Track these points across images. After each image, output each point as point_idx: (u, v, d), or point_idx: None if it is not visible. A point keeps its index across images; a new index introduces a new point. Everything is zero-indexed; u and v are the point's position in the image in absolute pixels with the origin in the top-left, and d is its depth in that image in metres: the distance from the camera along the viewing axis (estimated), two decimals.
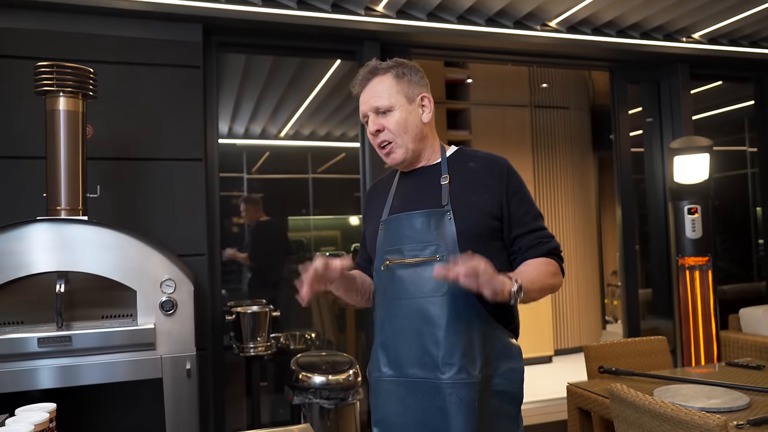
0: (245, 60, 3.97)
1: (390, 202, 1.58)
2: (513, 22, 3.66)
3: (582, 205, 6.27)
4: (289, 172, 4.74)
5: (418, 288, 1.44)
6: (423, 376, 1.43)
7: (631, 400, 1.71)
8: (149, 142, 3.05)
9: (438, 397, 1.41)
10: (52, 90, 2.32)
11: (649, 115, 4.49)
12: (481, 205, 1.48)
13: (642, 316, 4.37)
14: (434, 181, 1.53)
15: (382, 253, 1.52)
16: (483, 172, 1.53)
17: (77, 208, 2.37)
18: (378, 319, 1.53)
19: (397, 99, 1.51)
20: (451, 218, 1.45)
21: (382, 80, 1.52)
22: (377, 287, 1.55)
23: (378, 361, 1.52)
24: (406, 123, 1.51)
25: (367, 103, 1.53)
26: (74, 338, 2.19)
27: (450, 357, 1.40)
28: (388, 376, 1.49)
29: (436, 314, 1.41)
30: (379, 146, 1.54)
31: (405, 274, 1.46)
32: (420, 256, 1.45)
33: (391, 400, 1.48)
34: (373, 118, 1.52)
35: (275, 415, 3.76)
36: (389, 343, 1.49)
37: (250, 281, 4.25)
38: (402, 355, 1.46)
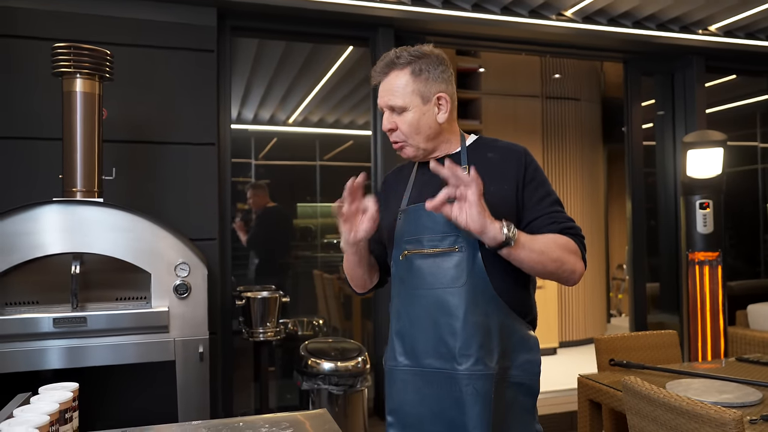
0: (257, 45, 3.96)
1: (409, 191, 1.56)
2: (528, 11, 3.63)
3: (590, 198, 6.26)
4: (297, 158, 4.73)
5: (437, 278, 1.43)
6: (439, 366, 1.42)
7: (645, 392, 1.72)
8: (163, 125, 3.05)
9: (454, 387, 1.40)
10: (69, 71, 2.32)
11: (662, 108, 4.46)
12: (500, 197, 1.46)
13: (649, 310, 4.37)
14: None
15: (401, 243, 1.50)
16: (501, 162, 1.51)
17: (93, 190, 2.38)
18: (394, 308, 1.52)
19: (412, 99, 1.46)
20: None
21: (399, 76, 1.48)
22: (395, 277, 1.53)
23: (393, 350, 1.51)
24: (419, 124, 1.48)
25: (382, 99, 1.51)
26: (89, 319, 2.20)
27: (467, 348, 1.39)
28: (403, 366, 1.48)
29: (454, 305, 1.40)
30: (392, 142, 1.54)
31: (423, 264, 1.45)
32: (439, 247, 1.44)
33: (407, 390, 1.47)
34: (387, 115, 1.51)
35: (282, 399, 3.79)
36: (405, 333, 1.48)
37: (257, 267, 4.27)
38: (418, 345, 1.45)
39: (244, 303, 3.16)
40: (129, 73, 2.95)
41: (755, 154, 4.98)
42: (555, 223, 1.45)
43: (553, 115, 6.04)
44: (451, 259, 1.42)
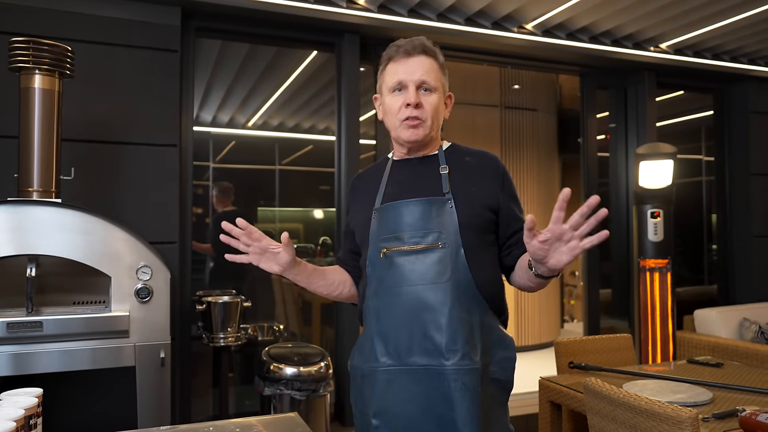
0: (220, 46, 3.91)
1: (383, 190, 1.56)
2: (491, 22, 3.71)
3: (546, 206, 6.41)
4: (256, 162, 4.68)
5: (420, 275, 1.43)
6: (426, 363, 1.42)
7: (605, 393, 1.78)
8: (124, 125, 2.98)
9: (442, 383, 1.41)
10: (28, 67, 2.24)
11: (615, 121, 4.63)
12: (480, 198, 1.51)
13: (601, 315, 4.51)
14: (433, 170, 1.54)
15: (377, 242, 1.49)
16: (479, 167, 1.56)
17: (50, 190, 2.30)
18: (372, 309, 1.50)
19: (439, 85, 1.51)
20: (452, 207, 1.46)
21: (431, 62, 1.51)
22: (372, 277, 1.51)
23: (374, 351, 1.48)
24: (439, 109, 1.52)
25: (413, 74, 1.49)
26: (45, 324, 2.13)
27: (453, 343, 1.40)
28: (387, 366, 1.45)
29: (439, 301, 1.41)
30: (405, 119, 1.50)
31: (405, 261, 1.45)
32: (422, 243, 1.44)
33: (392, 390, 1.45)
34: (413, 90, 1.48)
35: (242, 405, 3.73)
36: (388, 333, 1.46)
37: (212, 271, 4.19)
38: (402, 344, 1.44)
39: (204, 308, 3.11)
40: (90, 70, 2.87)
41: (700, 167, 5.22)
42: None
43: (512, 124, 6.17)
44: (433, 255, 1.43)
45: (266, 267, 1.45)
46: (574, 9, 3.55)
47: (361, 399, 1.52)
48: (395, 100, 1.51)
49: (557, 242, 1.26)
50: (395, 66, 1.52)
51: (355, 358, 1.57)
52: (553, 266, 1.28)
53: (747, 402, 2.01)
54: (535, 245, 1.26)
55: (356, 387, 1.55)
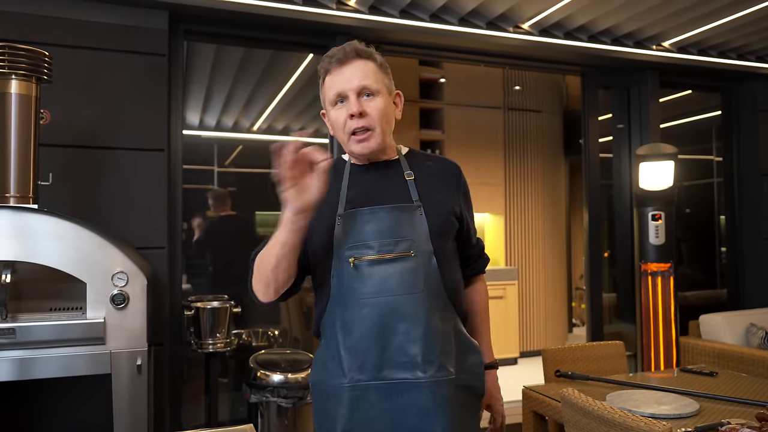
0: (216, 50, 3.90)
1: (344, 195, 1.46)
2: (486, 22, 3.65)
3: (552, 209, 6.31)
4: (261, 166, 4.67)
5: (392, 285, 1.37)
6: (401, 377, 1.35)
7: (581, 405, 1.71)
8: (110, 130, 2.97)
9: (419, 396, 1.35)
10: (4, 72, 2.24)
11: (619, 121, 4.53)
12: (446, 205, 1.48)
13: (608, 320, 4.41)
14: (397, 176, 1.49)
15: (343, 250, 1.40)
16: (441, 174, 1.53)
17: (27, 195, 2.29)
18: (339, 321, 1.40)
19: (381, 87, 1.44)
20: (422, 214, 1.42)
21: (367, 64, 1.44)
22: (337, 287, 1.41)
23: (341, 366, 1.39)
24: (387, 113, 1.45)
25: (349, 82, 1.41)
26: (18, 331, 2.12)
27: (429, 354, 1.35)
28: (355, 382, 1.37)
29: (413, 311, 1.36)
30: (351, 132, 1.42)
31: (376, 271, 1.38)
32: (394, 252, 1.38)
33: (361, 407, 1.37)
34: (354, 99, 1.41)
35: (235, 412, 3.70)
36: (358, 346, 1.37)
37: (212, 276, 4.18)
38: (374, 358, 1.36)
39: (193, 313, 3.09)
40: (74, 75, 2.87)
41: (711, 168, 5.09)
42: (481, 258, 1.65)
43: (515, 126, 6.09)
44: (406, 264, 1.38)
45: (292, 199, 1.27)
46: (570, 7, 3.47)
47: (325, 417, 1.44)
48: (339, 114, 1.43)
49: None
50: (332, 78, 1.44)
51: (316, 373, 1.48)
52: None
53: (735, 414, 1.93)
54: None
55: (320, 404, 1.46)
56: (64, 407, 2.48)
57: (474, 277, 1.64)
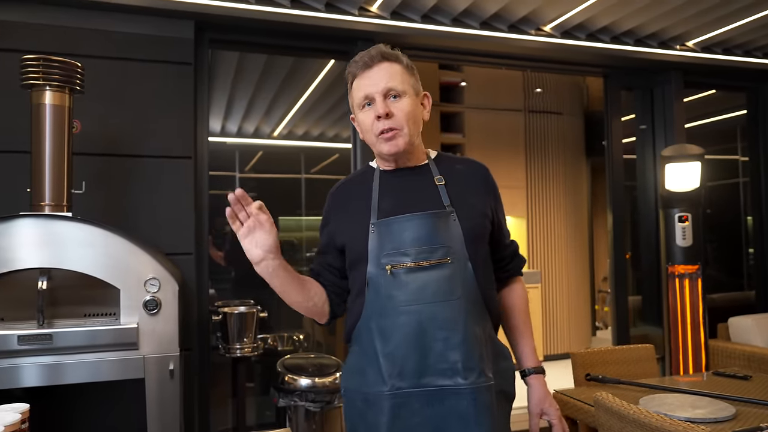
0: (238, 58, 3.95)
1: (376, 203, 1.48)
2: (507, 25, 3.65)
3: (574, 211, 6.27)
4: (282, 171, 4.71)
5: (430, 292, 1.37)
6: (441, 384, 1.35)
7: (615, 409, 1.70)
8: (138, 138, 3.02)
9: (460, 403, 1.35)
10: (39, 84, 2.29)
11: (642, 122, 4.49)
12: (479, 208, 1.49)
13: (633, 323, 4.37)
14: (427, 181, 1.49)
15: (379, 258, 1.41)
16: (471, 176, 1.54)
17: (61, 204, 2.34)
18: (376, 329, 1.40)
19: (408, 88, 1.45)
20: (455, 219, 1.43)
21: (393, 66, 1.45)
22: (374, 296, 1.41)
23: (381, 374, 1.38)
24: (414, 113, 1.46)
25: (376, 85, 1.43)
26: (55, 336, 2.16)
27: (469, 361, 1.35)
28: (396, 389, 1.36)
29: (452, 318, 1.36)
30: (380, 132, 1.43)
31: (413, 278, 1.38)
32: (431, 259, 1.39)
33: (403, 415, 1.36)
34: (381, 101, 1.43)
35: (261, 417, 3.73)
36: (396, 353, 1.37)
37: (238, 281, 4.21)
38: (413, 365, 1.36)
39: (220, 318, 3.12)
40: (103, 85, 2.92)
41: (737, 168, 5.02)
42: (516, 259, 1.63)
43: (536, 128, 6.07)
44: (443, 271, 1.38)
45: (248, 248, 1.35)
46: (593, 9, 3.45)
47: (364, 424, 1.43)
48: (367, 116, 1.46)
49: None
50: (359, 81, 1.47)
51: (351, 380, 1.48)
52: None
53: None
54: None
55: (356, 411, 1.45)
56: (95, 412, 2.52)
57: (510, 278, 1.63)
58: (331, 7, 3.32)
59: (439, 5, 3.40)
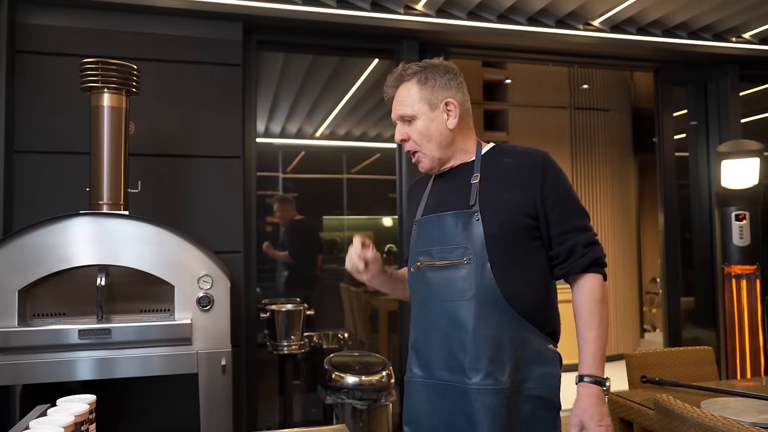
0: (284, 58, 3.99)
1: (424, 202, 1.57)
2: (555, 21, 3.58)
3: (621, 210, 6.12)
4: (324, 171, 4.74)
5: (446, 291, 1.43)
6: (450, 379, 1.42)
7: (678, 412, 1.64)
8: (189, 139, 3.09)
9: (464, 401, 1.39)
10: (97, 86, 2.36)
11: (695, 118, 4.34)
12: (514, 204, 1.42)
13: (683, 325, 4.23)
14: (465, 180, 1.49)
15: (414, 254, 1.52)
16: (517, 168, 1.46)
17: (118, 203, 2.41)
18: (412, 319, 1.55)
19: (420, 107, 1.49)
20: (478, 219, 1.41)
21: (407, 87, 1.51)
22: (410, 287, 1.56)
23: (410, 360, 1.53)
24: (429, 132, 1.49)
25: (394, 111, 1.54)
26: (113, 331, 2.22)
27: (476, 363, 1.38)
28: (418, 377, 1.49)
29: (463, 318, 1.40)
30: (408, 153, 1.56)
31: (434, 276, 1.46)
32: (448, 259, 1.44)
33: (421, 402, 1.48)
34: (399, 126, 1.53)
35: (307, 414, 3.76)
36: (420, 344, 1.49)
37: (286, 279, 4.27)
38: (431, 357, 1.46)
39: (268, 316, 3.16)
40: (156, 87, 2.99)
41: None
42: (578, 255, 1.44)
43: (582, 126, 5.95)
44: (459, 271, 1.42)
45: (363, 279, 1.53)
46: (645, 2, 3.36)
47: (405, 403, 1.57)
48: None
49: None
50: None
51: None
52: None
53: None
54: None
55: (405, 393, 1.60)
56: (147, 406, 2.58)
57: (568, 276, 1.47)
58: (376, 6, 3.32)
59: (485, 2, 3.37)
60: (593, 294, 1.45)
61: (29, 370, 2.16)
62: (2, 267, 2.17)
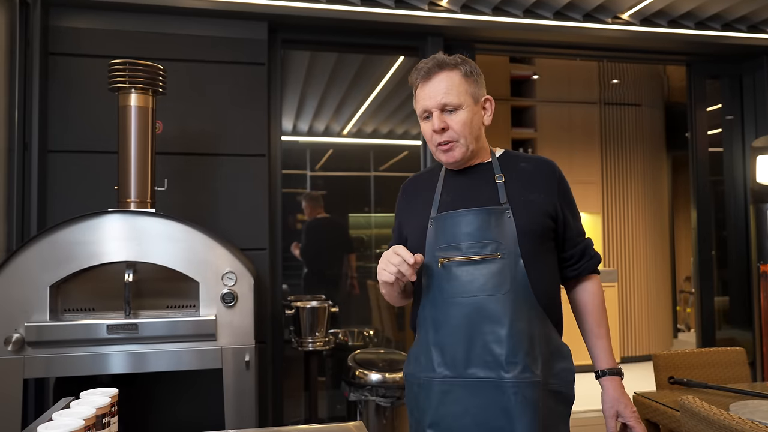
0: (309, 57, 4.01)
1: (438, 198, 1.54)
2: (582, 15, 3.52)
3: (654, 207, 5.99)
4: (351, 169, 4.75)
5: (478, 286, 1.41)
6: (485, 375, 1.39)
7: (704, 414, 1.60)
8: (215, 137, 3.13)
9: (502, 396, 1.38)
10: (125, 86, 2.41)
11: (730, 112, 4.22)
12: (538, 205, 1.49)
13: (718, 325, 4.12)
14: (488, 179, 1.52)
15: (434, 251, 1.48)
16: (535, 173, 1.54)
17: (146, 200, 2.46)
18: (428, 318, 1.48)
19: (465, 99, 1.47)
20: (510, 216, 1.44)
21: (450, 76, 1.47)
22: (427, 285, 1.49)
23: (431, 361, 1.46)
24: (471, 123, 1.48)
25: (432, 99, 1.47)
26: (140, 326, 2.27)
27: (514, 356, 1.38)
28: (443, 377, 1.44)
29: (499, 312, 1.39)
30: (438, 144, 1.49)
31: (462, 271, 1.43)
32: (480, 254, 1.42)
33: (448, 402, 1.43)
34: (438, 115, 1.47)
35: (333, 410, 3.78)
36: (445, 343, 1.44)
37: (305, 277, 4.30)
38: (460, 355, 1.42)
39: (293, 312, 3.18)
40: (183, 87, 3.05)
41: None
42: (587, 258, 1.58)
43: (612, 121, 5.85)
44: (492, 265, 1.41)
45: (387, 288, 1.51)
46: None
47: (417, 408, 1.51)
48: (426, 127, 1.51)
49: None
50: (419, 92, 1.52)
51: (410, 366, 1.56)
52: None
53: None
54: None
55: (412, 395, 1.54)
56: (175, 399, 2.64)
57: (579, 277, 1.59)
58: (400, 3, 3.32)
59: None
60: (599, 294, 1.59)
61: (61, 363, 2.22)
62: (36, 263, 2.23)
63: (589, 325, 1.57)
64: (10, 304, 2.20)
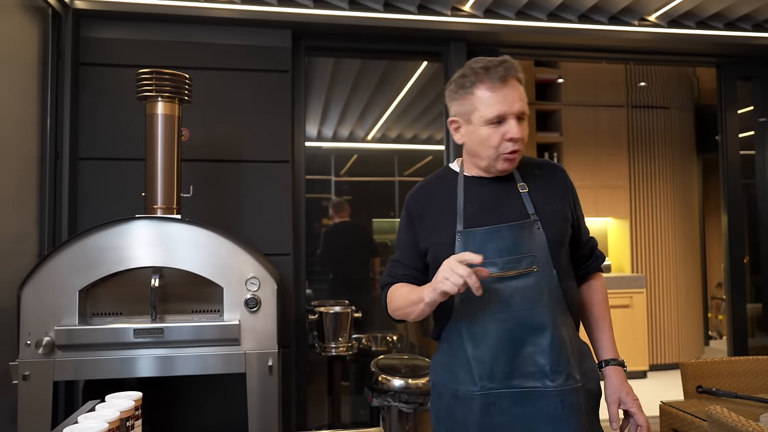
0: (333, 63, 4.05)
1: (461, 210, 1.48)
2: (608, 17, 3.48)
3: (684, 211, 5.88)
4: (376, 174, 4.77)
5: (520, 300, 1.42)
6: (530, 385, 1.42)
7: (732, 425, 1.56)
8: (240, 144, 3.17)
9: (548, 404, 1.40)
10: (152, 95, 2.46)
11: (762, 114, 4.12)
12: (560, 213, 1.52)
13: (750, 333, 4.02)
14: (511, 188, 1.51)
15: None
16: (551, 181, 1.56)
17: (172, 207, 2.50)
18: (463, 331, 1.45)
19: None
20: (540, 228, 1.46)
21: (516, 85, 1.43)
22: (463, 301, 1.44)
23: (471, 375, 1.43)
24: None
25: (512, 106, 1.41)
26: (166, 331, 2.31)
27: (557, 365, 1.41)
28: (488, 390, 1.42)
29: (541, 324, 1.41)
30: (510, 152, 1.43)
31: (502, 287, 1.42)
32: (518, 268, 1.43)
33: (493, 413, 1.42)
34: (515, 123, 1.41)
35: (356, 415, 3.79)
36: (486, 356, 1.42)
37: (334, 282, 4.32)
38: (503, 367, 1.42)
39: (316, 317, 3.20)
40: (208, 95, 3.10)
41: None
42: (594, 258, 1.64)
43: (640, 124, 5.75)
44: (530, 279, 1.43)
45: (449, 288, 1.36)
46: None
47: (452, 419, 1.48)
48: (493, 132, 1.42)
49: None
50: (491, 94, 1.41)
51: (441, 376, 1.53)
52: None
53: None
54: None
55: (444, 404, 1.51)
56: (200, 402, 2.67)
57: (588, 275, 1.65)
58: (423, 9, 3.32)
59: (534, 0, 3.31)
60: (604, 290, 1.65)
61: (89, 366, 2.27)
62: (66, 268, 2.29)
63: (594, 319, 1.62)
64: (42, 308, 2.26)
